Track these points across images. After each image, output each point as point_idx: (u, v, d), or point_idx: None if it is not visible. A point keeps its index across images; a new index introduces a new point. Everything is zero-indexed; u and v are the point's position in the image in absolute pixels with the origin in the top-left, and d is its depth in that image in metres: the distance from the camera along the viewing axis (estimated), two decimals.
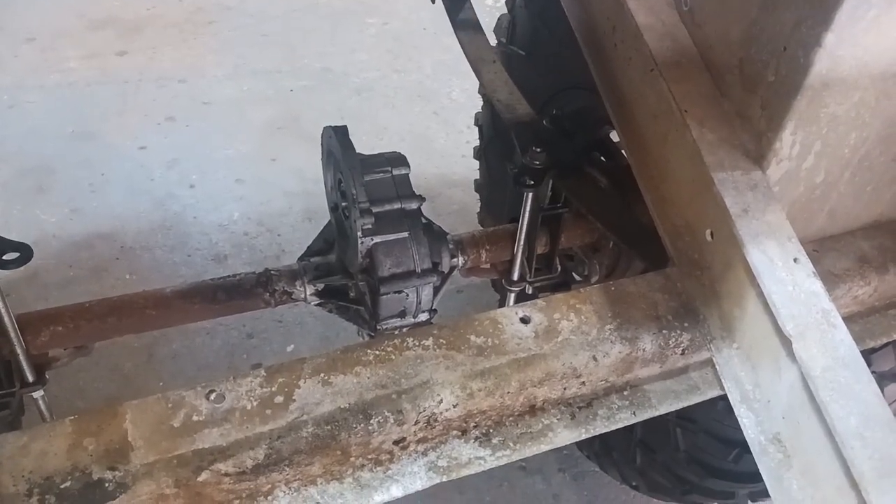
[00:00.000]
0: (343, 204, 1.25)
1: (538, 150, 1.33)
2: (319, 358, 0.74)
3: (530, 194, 1.31)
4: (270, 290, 1.33)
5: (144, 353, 2.01)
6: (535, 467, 1.85)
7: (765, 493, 1.43)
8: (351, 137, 1.18)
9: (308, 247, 1.40)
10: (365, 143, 1.28)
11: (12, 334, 1.02)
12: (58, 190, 2.56)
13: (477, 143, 2.04)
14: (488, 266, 1.48)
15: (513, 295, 1.48)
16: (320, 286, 1.34)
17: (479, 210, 2.10)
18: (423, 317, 1.29)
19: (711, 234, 0.84)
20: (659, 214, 0.94)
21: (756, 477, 1.39)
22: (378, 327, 1.27)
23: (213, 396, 0.69)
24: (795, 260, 0.76)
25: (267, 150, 2.80)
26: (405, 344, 0.77)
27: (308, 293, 1.34)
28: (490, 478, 1.83)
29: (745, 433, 0.78)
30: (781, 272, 0.76)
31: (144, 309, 1.29)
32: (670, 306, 0.86)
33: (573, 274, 1.57)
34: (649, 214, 0.98)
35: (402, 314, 1.28)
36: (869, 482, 0.65)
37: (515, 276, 1.45)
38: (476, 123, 2.03)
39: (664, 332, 0.85)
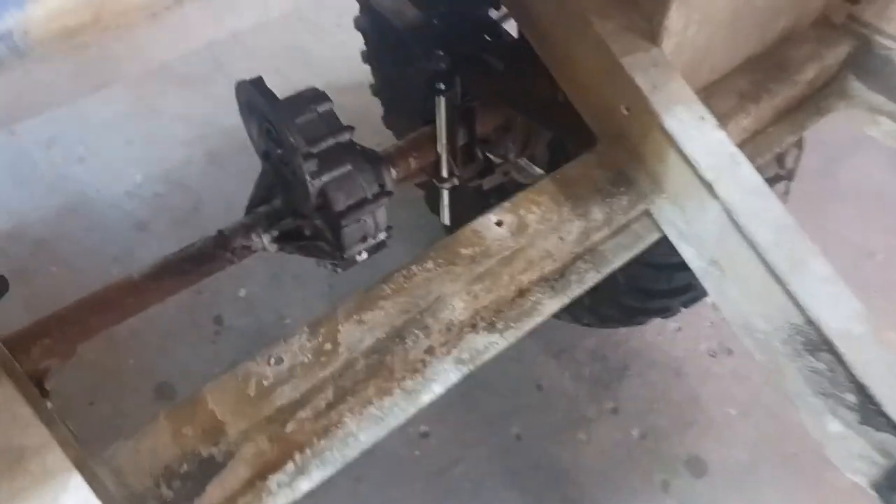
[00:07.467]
0: (278, 151, 1.31)
1: (441, 52, 1.41)
2: (347, 304, 0.86)
3: (444, 97, 1.40)
4: (230, 248, 1.39)
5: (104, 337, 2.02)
6: None
7: (693, 300, 1.71)
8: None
9: (250, 198, 1.45)
10: (238, 69, 1.28)
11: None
12: None
13: (356, 44, 2.01)
14: (417, 170, 1.59)
15: (446, 191, 1.61)
16: (275, 233, 1.42)
17: (383, 115, 2.16)
18: (382, 235, 1.41)
19: (627, 109, 1.00)
20: (577, 100, 1.08)
21: (685, 290, 1.66)
22: (344, 256, 1.39)
23: (272, 360, 0.81)
24: (702, 118, 0.93)
25: (142, 102, 2.69)
26: (411, 272, 0.90)
27: (266, 242, 1.42)
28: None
29: (688, 263, 0.98)
30: (693, 130, 0.93)
31: (121, 300, 1.34)
32: (606, 177, 1.03)
33: (489, 156, 1.71)
34: (548, 86, 1.09)
35: (364, 238, 1.39)
36: (787, 274, 0.87)
37: (445, 174, 1.57)
38: (358, 28, 2.02)
39: (607, 200, 1.02)
